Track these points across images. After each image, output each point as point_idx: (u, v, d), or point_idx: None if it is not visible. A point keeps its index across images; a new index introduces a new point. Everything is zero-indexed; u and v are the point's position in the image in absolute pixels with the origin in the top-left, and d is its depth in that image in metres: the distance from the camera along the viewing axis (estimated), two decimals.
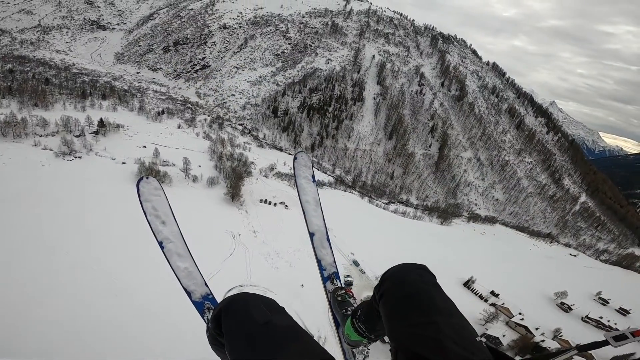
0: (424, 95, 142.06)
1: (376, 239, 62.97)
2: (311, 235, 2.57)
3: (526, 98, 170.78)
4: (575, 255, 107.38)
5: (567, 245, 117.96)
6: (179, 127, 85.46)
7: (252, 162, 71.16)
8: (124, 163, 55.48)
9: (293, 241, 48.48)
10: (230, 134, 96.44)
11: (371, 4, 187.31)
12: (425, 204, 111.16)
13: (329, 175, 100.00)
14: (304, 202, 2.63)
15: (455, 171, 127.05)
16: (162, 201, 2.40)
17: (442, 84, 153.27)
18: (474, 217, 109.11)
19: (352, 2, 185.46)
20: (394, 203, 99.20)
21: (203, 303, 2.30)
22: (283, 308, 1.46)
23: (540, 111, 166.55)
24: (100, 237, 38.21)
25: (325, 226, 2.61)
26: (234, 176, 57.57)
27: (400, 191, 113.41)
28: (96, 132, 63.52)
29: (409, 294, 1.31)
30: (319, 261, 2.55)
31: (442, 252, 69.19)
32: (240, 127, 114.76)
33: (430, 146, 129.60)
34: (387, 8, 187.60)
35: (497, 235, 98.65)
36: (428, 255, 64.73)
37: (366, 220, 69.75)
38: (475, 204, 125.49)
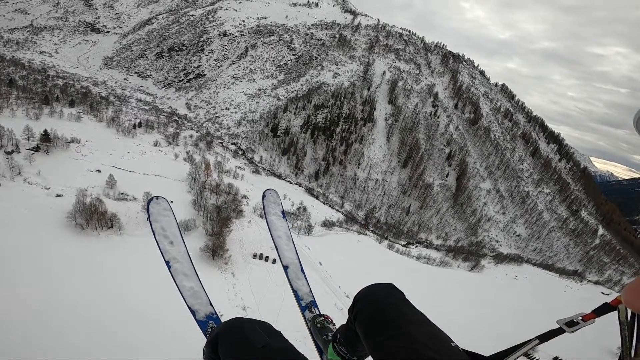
0: (438, 118, 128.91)
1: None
2: (285, 268, 2.71)
3: (537, 123, 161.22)
4: (607, 294, 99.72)
5: (597, 282, 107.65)
6: (155, 145, 69.16)
7: (245, 196, 54.81)
8: (59, 195, 39.03)
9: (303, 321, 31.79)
10: (219, 155, 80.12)
11: (379, 20, 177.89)
12: (446, 244, 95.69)
13: (338, 211, 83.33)
14: (276, 238, 2.79)
15: (475, 204, 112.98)
16: (171, 222, 2.53)
17: (456, 106, 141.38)
18: (499, 257, 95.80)
19: (360, 17, 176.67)
20: (413, 244, 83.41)
21: (207, 322, 2.38)
22: (280, 332, 1.48)
23: (552, 137, 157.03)
24: None
25: (298, 258, 2.77)
26: (217, 220, 41.31)
27: (418, 229, 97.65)
28: (36, 149, 47.35)
29: (380, 310, 1.38)
30: (295, 292, 2.66)
31: (488, 313, 54.55)
32: (232, 147, 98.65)
33: (447, 176, 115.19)
34: (394, 25, 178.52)
35: (529, 278, 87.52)
36: (474, 322, 49.38)
37: (390, 273, 53.73)
38: (497, 241, 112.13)
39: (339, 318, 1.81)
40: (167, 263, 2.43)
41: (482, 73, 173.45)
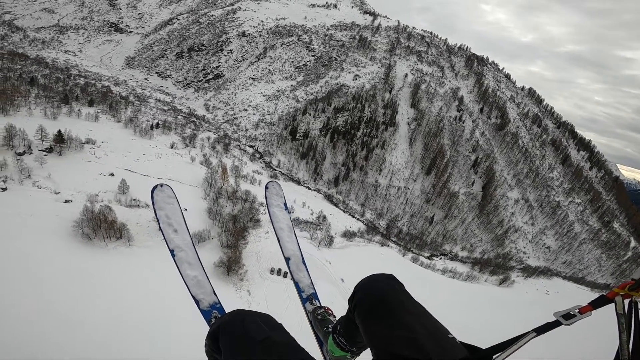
0: (463, 123, 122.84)
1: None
2: (287, 259, 2.71)
3: (566, 129, 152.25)
4: None
5: None
6: (171, 147, 67.08)
7: (262, 204, 51.77)
8: (68, 201, 36.74)
9: None
10: (237, 158, 77.57)
11: (399, 21, 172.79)
12: (472, 256, 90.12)
13: (359, 220, 79.15)
14: (278, 230, 2.79)
15: (502, 214, 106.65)
16: (175, 210, 2.52)
17: (481, 110, 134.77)
18: (527, 270, 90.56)
19: (380, 18, 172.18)
20: (437, 256, 78.47)
21: (211, 312, 2.38)
22: (281, 325, 1.49)
23: (582, 144, 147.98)
24: None
25: (300, 250, 2.76)
26: (234, 231, 38.19)
27: (442, 240, 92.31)
28: (49, 150, 45.63)
29: (379, 300, 1.39)
30: (296, 284, 2.67)
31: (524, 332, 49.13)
32: (250, 150, 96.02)
33: (472, 184, 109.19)
34: (414, 27, 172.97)
35: (560, 293, 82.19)
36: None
37: (416, 291, 49.24)
38: (524, 253, 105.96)
39: None
40: (172, 252, 2.41)
41: (507, 76, 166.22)
